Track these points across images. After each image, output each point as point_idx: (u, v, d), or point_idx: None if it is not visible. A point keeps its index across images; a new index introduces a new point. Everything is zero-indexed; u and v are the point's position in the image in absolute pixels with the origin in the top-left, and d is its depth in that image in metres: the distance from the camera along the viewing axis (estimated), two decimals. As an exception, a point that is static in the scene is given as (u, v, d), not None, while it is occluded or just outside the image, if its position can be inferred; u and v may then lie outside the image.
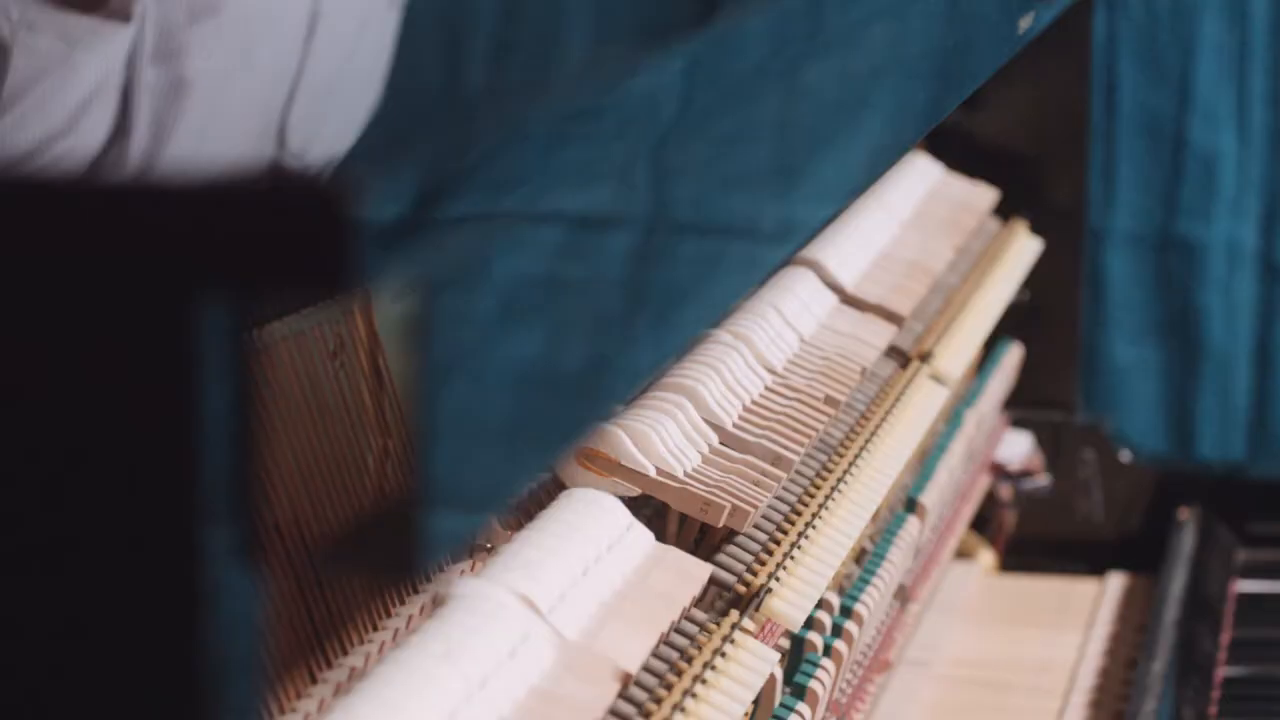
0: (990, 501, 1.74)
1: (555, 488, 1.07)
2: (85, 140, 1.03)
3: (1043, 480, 1.76)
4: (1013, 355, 1.73)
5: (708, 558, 1.06)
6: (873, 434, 1.26)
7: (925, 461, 1.46)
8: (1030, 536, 1.76)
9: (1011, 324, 1.71)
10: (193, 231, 0.43)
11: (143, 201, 0.44)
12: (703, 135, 0.86)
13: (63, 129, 0.99)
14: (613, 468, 1.06)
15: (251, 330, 0.44)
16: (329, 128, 1.22)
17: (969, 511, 1.63)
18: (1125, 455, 1.80)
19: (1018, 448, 1.75)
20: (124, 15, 0.96)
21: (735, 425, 1.14)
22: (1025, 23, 1.29)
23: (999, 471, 1.74)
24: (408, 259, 0.49)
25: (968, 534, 1.71)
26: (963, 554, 1.72)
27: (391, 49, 1.26)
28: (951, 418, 1.55)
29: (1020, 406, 1.77)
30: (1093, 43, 2.05)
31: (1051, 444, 1.79)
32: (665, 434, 1.08)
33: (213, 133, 1.07)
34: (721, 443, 1.12)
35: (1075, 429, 1.80)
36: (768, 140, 0.96)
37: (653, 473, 1.06)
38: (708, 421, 1.13)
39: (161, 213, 0.43)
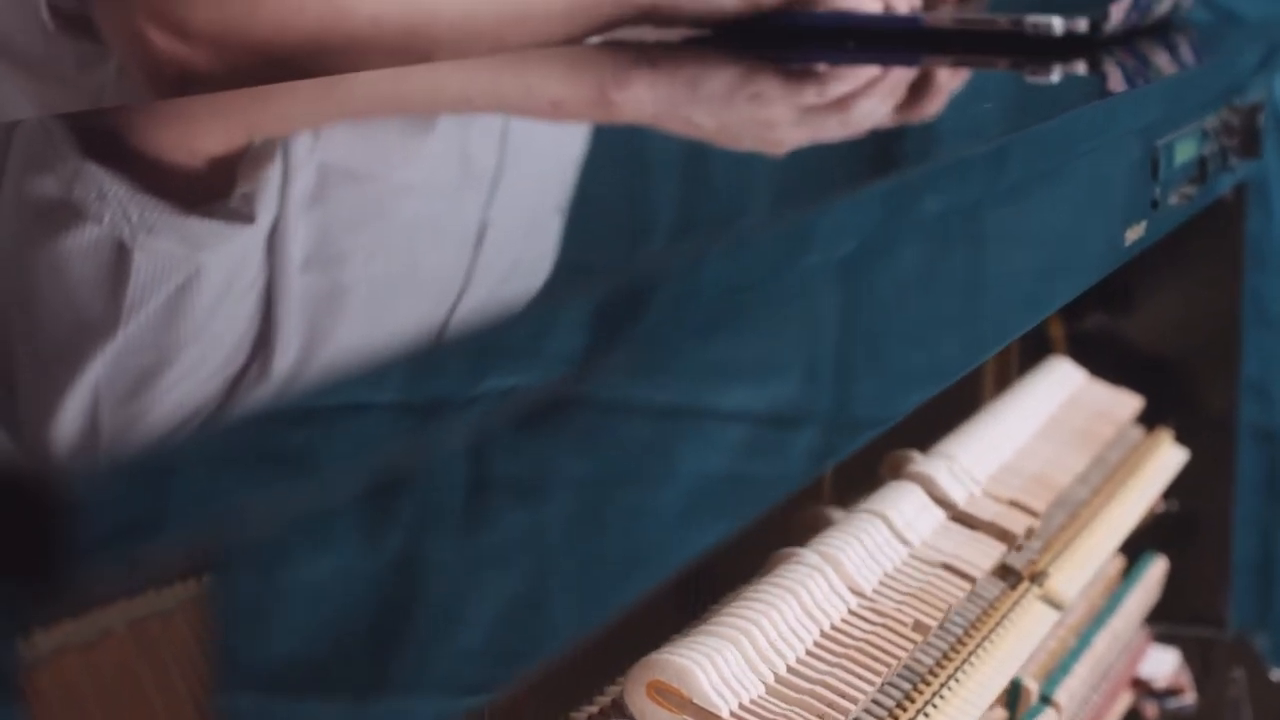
0: (1134, 720, 1.67)
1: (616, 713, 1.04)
2: (216, 347, 1.00)
3: (1190, 699, 1.69)
4: (1156, 569, 1.67)
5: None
6: (965, 661, 1.21)
7: (1046, 683, 1.40)
8: (1176, 758, 1.70)
9: (1157, 535, 1.65)
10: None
11: None
12: (881, 329, 0.84)
13: (192, 335, 0.96)
14: (684, 705, 1.02)
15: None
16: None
17: (1105, 732, 1.56)
18: (1276, 674, 1.73)
19: (1163, 665, 1.68)
20: (247, 216, 0.94)
21: (808, 652, 1.10)
22: (1133, 235, 1.24)
23: (1143, 689, 1.67)
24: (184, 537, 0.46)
25: (1109, 754, 1.64)
26: (1104, 775, 1.65)
27: (555, 251, 1.23)
28: (1082, 636, 1.49)
29: (1166, 621, 1.70)
30: (1273, 235, 1.99)
31: (1199, 661, 1.72)
32: (724, 665, 1.04)
33: (372, 341, 1.04)
34: (789, 671, 1.08)
35: (1225, 645, 1.73)
36: (946, 332, 0.93)
37: (727, 715, 1.03)
38: (776, 650, 1.09)
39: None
